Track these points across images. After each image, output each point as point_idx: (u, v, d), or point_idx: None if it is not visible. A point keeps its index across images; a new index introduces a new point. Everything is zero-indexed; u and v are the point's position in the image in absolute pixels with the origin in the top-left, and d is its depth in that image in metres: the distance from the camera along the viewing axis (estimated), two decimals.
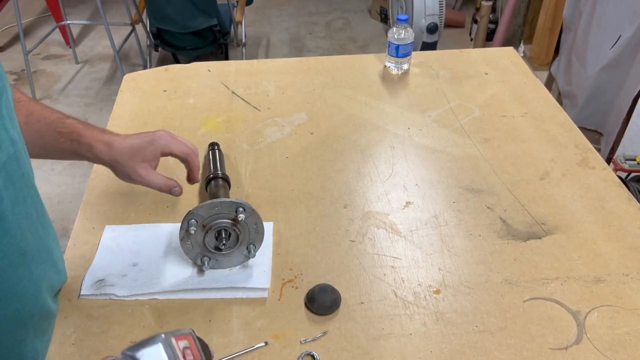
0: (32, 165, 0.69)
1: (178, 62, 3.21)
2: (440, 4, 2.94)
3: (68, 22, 3.27)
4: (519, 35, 3.25)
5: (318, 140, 1.13)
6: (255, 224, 0.81)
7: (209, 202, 0.78)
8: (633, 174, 1.79)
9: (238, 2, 3.02)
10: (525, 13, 3.18)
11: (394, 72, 1.36)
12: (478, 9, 3.36)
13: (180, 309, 0.79)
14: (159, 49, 3.05)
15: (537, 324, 0.77)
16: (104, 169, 0.79)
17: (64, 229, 2.09)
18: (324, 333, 0.76)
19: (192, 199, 0.98)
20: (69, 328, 0.77)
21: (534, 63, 2.97)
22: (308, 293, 0.80)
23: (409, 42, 1.32)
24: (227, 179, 0.96)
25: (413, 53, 1.36)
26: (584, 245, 0.89)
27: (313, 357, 0.73)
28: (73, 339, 0.75)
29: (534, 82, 1.31)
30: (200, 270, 0.84)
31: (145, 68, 3.02)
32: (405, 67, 1.36)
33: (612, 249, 0.88)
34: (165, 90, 1.29)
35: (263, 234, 0.82)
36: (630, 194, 0.98)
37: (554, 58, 2.76)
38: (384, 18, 3.77)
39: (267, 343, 0.74)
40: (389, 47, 1.33)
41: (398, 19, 1.32)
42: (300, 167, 1.06)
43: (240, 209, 0.78)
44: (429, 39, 2.99)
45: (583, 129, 1.38)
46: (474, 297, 0.81)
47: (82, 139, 0.75)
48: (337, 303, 0.78)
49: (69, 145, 0.75)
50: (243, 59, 3.05)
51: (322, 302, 0.78)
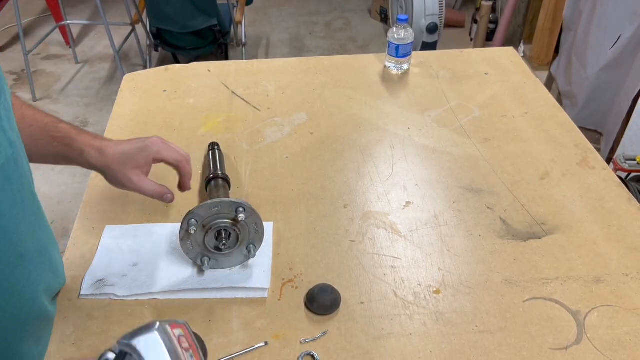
0: (30, 167, 0.69)
1: (178, 62, 3.21)
2: (440, 4, 2.94)
3: (68, 22, 3.27)
4: (519, 35, 3.25)
5: (318, 140, 1.13)
6: (255, 224, 0.81)
7: (209, 202, 0.78)
8: (633, 174, 1.79)
9: (238, 2, 3.02)
10: (525, 13, 3.18)
11: (394, 72, 1.36)
12: (478, 9, 3.36)
13: (180, 309, 0.79)
14: (159, 49, 3.05)
15: (537, 324, 0.77)
16: None
17: (64, 229, 2.09)
18: (324, 333, 0.76)
19: (192, 199, 0.98)
20: (69, 328, 0.77)
21: (534, 63, 2.97)
22: (308, 293, 0.80)
23: (409, 42, 1.32)
24: (227, 179, 0.96)
25: (413, 53, 1.36)
26: (584, 245, 0.89)
27: (313, 357, 0.73)
28: (73, 339, 0.75)
29: (534, 82, 1.31)
30: (200, 270, 0.84)
31: (145, 68, 3.02)
32: (405, 67, 1.36)
33: (612, 249, 0.88)
34: (165, 90, 1.29)
35: (263, 234, 0.82)
36: (630, 194, 0.98)
37: (554, 58, 2.76)
38: (384, 18, 3.77)
39: (267, 343, 0.74)
40: (389, 47, 1.33)
41: (398, 19, 1.32)
42: (300, 167, 1.06)
43: (240, 209, 0.78)
44: (429, 39, 2.99)
45: (583, 129, 1.38)
46: (474, 297, 0.81)
47: (73, 144, 0.74)
48: (337, 303, 0.78)
49: (61, 150, 0.74)
50: (243, 59, 3.05)
51: (322, 302, 0.78)
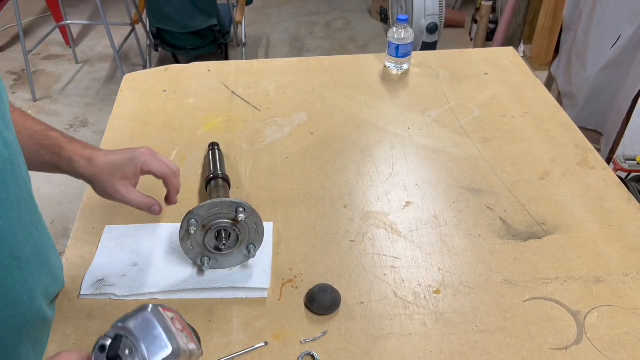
0: (28, 170, 0.68)
1: (178, 62, 3.21)
2: (440, 4, 2.94)
3: (68, 22, 3.27)
4: (519, 35, 3.25)
5: (318, 140, 1.13)
6: (255, 224, 0.81)
7: (209, 202, 0.78)
8: (633, 174, 1.79)
9: (238, 2, 3.02)
10: (525, 13, 3.18)
11: (394, 72, 1.36)
12: (478, 9, 3.36)
13: (180, 309, 0.78)
14: (159, 49, 3.05)
15: (537, 324, 0.77)
16: None
17: (64, 229, 2.09)
18: (324, 333, 0.76)
19: (192, 199, 0.98)
20: (69, 328, 0.77)
21: (534, 63, 2.97)
22: (308, 293, 0.80)
23: (409, 42, 1.32)
24: (227, 179, 0.96)
25: (413, 53, 1.36)
26: (584, 245, 0.89)
27: (313, 357, 0.73)
28: (73, 339, 0.75)
29: (534, 82, 1.31)
30: (200, 270, 0.84)
31: (145, 68, 3.02)
32: (405, 67, 1.36)
33: (612, 249, 0.88)
34: (165, 90, 1.29)
35: (263, 234, 0.82)
36: (630, 194, 0.98)
37: (554, 58, 2.76)
38: (384, 18, 3.77)
39: (267, 343, 0.74)
40: (389, 47, 1.33)
41: (398, 19, 1.32)
42: (300, 167, 1.06)
43: (240, 209, 0.78)
44: (429, 39, 2.99)
45: (583, 129, 1.38)
46: (474, 297, 0.81)
47: (62, 153, 0.74)
48: (337, 303, 0.78)
49: (50, 158, 0.74)
50: (243, 59, 3.05)
51: (322, 302, 0.78)
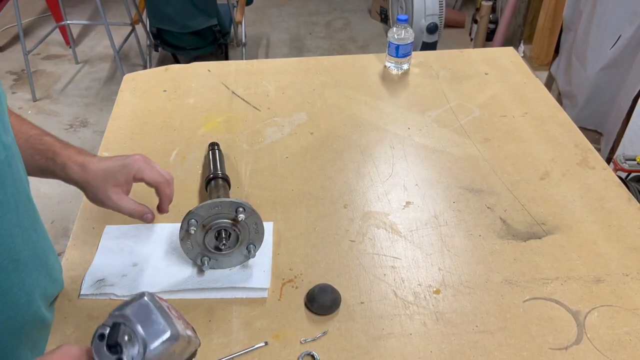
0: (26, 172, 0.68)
1: (178, 62, 3.21)
2: (440, 4, 2.94)
3: (68, 22, 3.27)
4: (519, 35, 3.25)
5: (318, 140, 1.13)
6: (255, 224, 0.81)
7: (209, 202, 0.78)
8: (633, 174, 1.79)
9: (238, 2, 3.02)
10: (525, 13, 3.18)
11: (394, 72, 1.36)
12: (478, 9, 3.36)
13: (180, 309, 0.78)
14: (159, 49, 3.05)
15: (537, 324, 0.77)
16: None
17: (64, 229, 2.09)
18: (324, 333, 0.76)
19: (192, 199, 0.98)
20: (69, 328, 0.77)
21: (534, 63, 2.97)
22: (308, 293, 0.80)
23: (409, 42, 1.32)
24: (227, 179, 0.96)
25: (413, 53, 1.36)
26: (584, 245, 0.89)
27: (313, 357, 0.73)
28: (73, 339, 0.75)
29: (534, 82, 1.31)
30: (200, 270, 0.84)
31: (145, 68, 3.03)
32: (405, 67, 1.36)
33: (612, 249, 0.88)
34: (165, 90, 1.29)
35: (263, 234, 0.82)
36: (630, 194, 0.98)
37: (554, 58, 2.76)
38: (384, 18, 3.77)
39: (267, 343, 0.74)
40: (389, 47, 1.33)
41: (398, 19, 1.32)
42: (300, 167, 1.06)
43: (240, 209, 0.78)
44: (429, 39, 2.99)
45: (583, 129, 1.38)
46: (474, 297, 0.81)
47: (57, 158, 0.74)
48: (337, 303, 0.78)
49: (44, 163, 0.74)
50: (243, 59, 3.05)
51: (322, 302, 0.78)
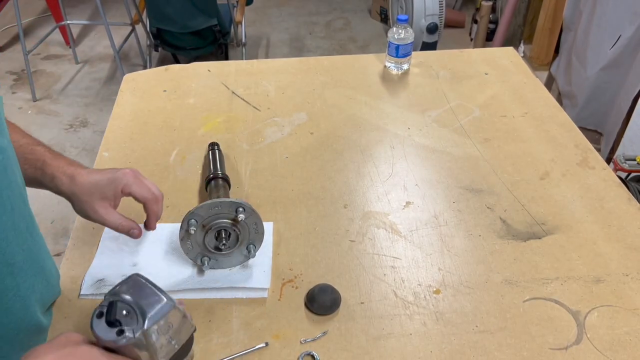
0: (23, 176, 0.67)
1: (178, 62, 3.21)
2: (440, 4, 2.94)
3: (68, 22, 3.27)
4: (519, 35, 3.25)
5: (318, 140, 1.13)
6: (255, 224, 0.81)
7: (209, 202, 0.78)
8: (633, 174, 1.79)
9: (238, 2, 3.02)
10: (525, 13, 3.18)
11: (394, 72, 1.36)
12: (478, 9, 3.36)
13: None
14: (159, 49, 3.05)
15: (537, 324, 0.77)
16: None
17: (64, 229, 2.09)
18: (324, 333, 0.76)
19: (192, 199, 0.98)
20: (69, 328, 0.76)
21: (534, 63, 2.97)
22: (308, 293, 0.80)
23: (409, 42, 1.32)
24: (227, 179, 0.96)
25: (413, 53, 1.36)
26: (584, 245, 0.89)
27: (313, 357, 0.73)
28: None
29: (534, 82, 1.31)
30: (200, 270, 0.84)
31: (145, 68, 3.03)
32: (405, 67, 1.36)
33: (612, 249, 0.88)
34: (165, 90, 1.29)
35: (263, 234, 0.82)
36: (630, 194, 0.98)
37: (554, 58, 2.76)
38: (384, 18, 3.77)
39: (267, 344, 0.74)
40: (389, 47, 1.33)
41: (398, 19, 1.32)
42: (300, 167, 1.06)
43: (240, 209, 0.78)
44: (429, 39, 2.99)
45: (583, 129, 1.38)
46: (474, 297, 0.81)
47: (46, 168, 0.73)
48: (337, 303, 0.78)
49: (32, 173, 0.73)
50: (243, 59, 3.05)
51: (322, 302, 0.78)
